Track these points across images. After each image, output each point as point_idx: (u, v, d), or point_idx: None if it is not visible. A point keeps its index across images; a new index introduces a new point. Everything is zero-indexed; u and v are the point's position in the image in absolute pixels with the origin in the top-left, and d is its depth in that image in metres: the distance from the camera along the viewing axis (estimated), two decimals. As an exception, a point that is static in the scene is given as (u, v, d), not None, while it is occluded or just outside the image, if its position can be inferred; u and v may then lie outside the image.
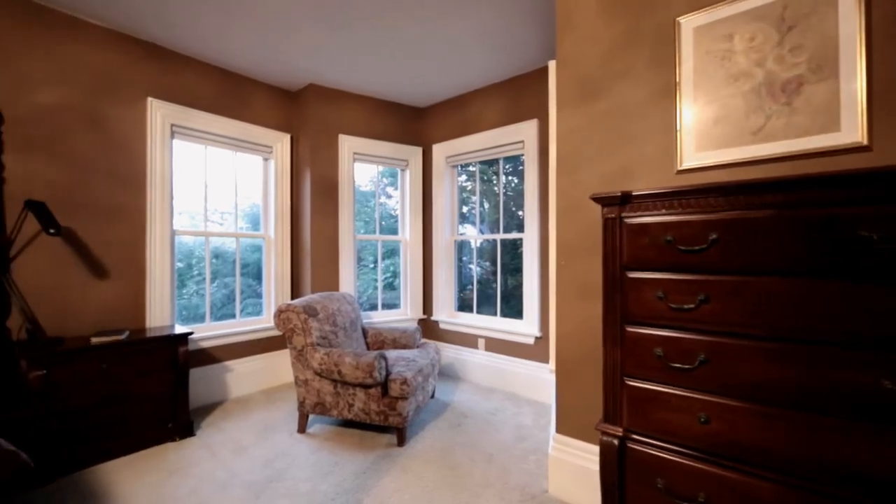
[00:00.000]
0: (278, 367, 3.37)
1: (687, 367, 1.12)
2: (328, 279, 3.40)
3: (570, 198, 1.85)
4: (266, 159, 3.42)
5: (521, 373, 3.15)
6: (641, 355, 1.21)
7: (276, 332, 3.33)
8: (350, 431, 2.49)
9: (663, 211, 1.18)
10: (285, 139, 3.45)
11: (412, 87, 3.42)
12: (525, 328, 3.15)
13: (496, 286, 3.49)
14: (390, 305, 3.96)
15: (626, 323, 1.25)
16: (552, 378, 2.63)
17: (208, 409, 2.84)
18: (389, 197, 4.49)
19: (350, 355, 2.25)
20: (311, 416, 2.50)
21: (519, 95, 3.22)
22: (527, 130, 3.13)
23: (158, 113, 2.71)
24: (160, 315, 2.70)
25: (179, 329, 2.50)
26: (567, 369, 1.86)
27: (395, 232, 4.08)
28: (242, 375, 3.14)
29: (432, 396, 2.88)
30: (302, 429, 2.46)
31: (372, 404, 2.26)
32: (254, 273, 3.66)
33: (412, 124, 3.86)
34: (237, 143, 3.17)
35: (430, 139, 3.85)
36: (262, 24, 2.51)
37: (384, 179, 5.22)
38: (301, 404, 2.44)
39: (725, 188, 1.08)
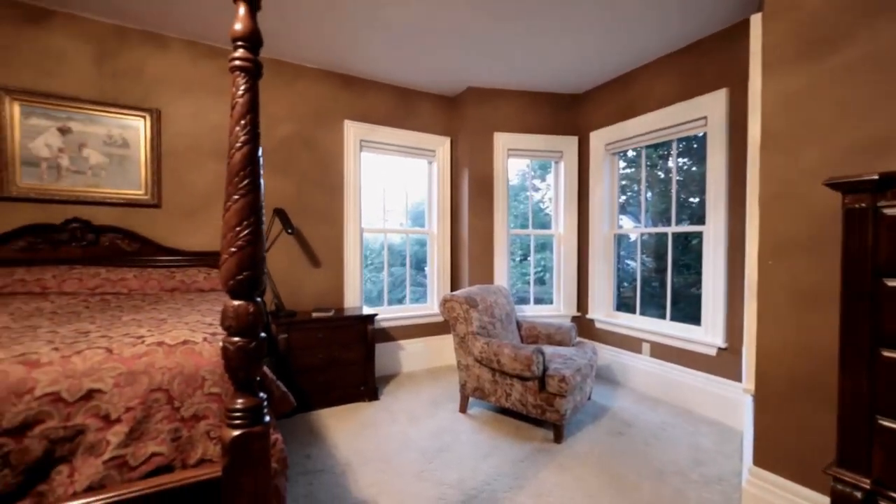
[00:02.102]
0: (441, 349, 3.73)
1: None
2: (483, 272, 3.59)
3: (783, 182, 1.50)
4: (430, 162, 3.80)
5: (698, 387, 2.73)
6: (909, 390, 0.91)
7: (438, 319, 3.70)
8: (506, 419, 2.59)
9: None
10: (446, 142, 3.76)
11: (568, 73, 3.28)
12: (704, 336, 2.71)
13: (663, 285, 3.09)
14: (539, 300, 3.94)
15: (881, 345, 0.96)
16: (746, 399, 2.20)
17: (386, 379, 3.36)
18: (537, 190, 4.43)
19: (509, 346, 2.34)
20: (470, 399, 2.70)
21: (699, 64, 2.74)
22: (711, 104, 2.65)
23: (351, 131, 3.30)
24: (352, 298, 3.31)
25: (367, 311, 3.02)
26: (772, 392, 1.53)
27: (544, 226, 4.02)
28: (412, 354, 3.60)
29: (589, 398, 2.76)
30: (463, 409, 2.69)
31: (529, 397, 2.30)
32: (414, 263, 4.14)
33: (567, 114, 3.71)
34: (407, 149, 3.61)
35: (586, 127, 3.64)
36: (428, 42, 2.79)
37: (531, 172, 5.18)
38: (462, 387, 2.66)
39: None
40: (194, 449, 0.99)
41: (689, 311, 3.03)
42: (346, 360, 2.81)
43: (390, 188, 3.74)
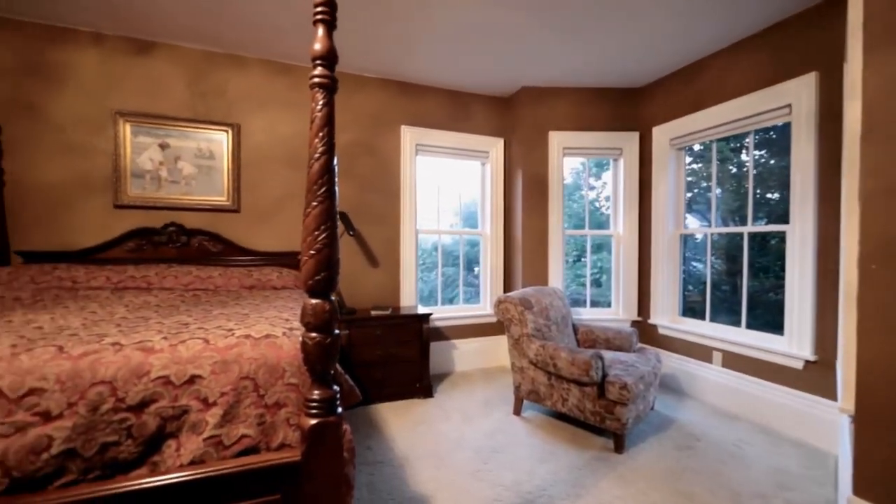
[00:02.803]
0: (494, 350, 3.73)
1: None
2: (538, 273, 3.53)
3: (889, 176, 1.33)
4: (483, 164, 3.82)
5: (780, 403, 2.48)
6: None
7: (491, 319, 3.70)
8: (563, 425, 2.53)
9: None
10: (499, 143, 3.75)
11: (628, 65, 3.13)
12: (788, 347, 2.46)
13: (736, 290, 2.84)
14: (595, 303, 3.79)
15: None
16: (842, 419, 1.97)
17: (440, 377, 3.43)
18: (592, 188, 4.27)
19: (565, 350, 2.29)
20: (524, 402, 2.67)
21: (781, 48, 2.49)
22: (796, 90, 2.40)
23: (408, 136, 3.41)
24: (408, 297, 3.42)
25: (422, 310, 3.10)
26: (877, 411, 1.36)
27: (601, 226, 3.86)
28: (465, 353, 3.63)
29: (652, 408, 2.62)
30: (517, 411, 2.67)
31: (587, 403, 2.24)
32: (465, 264, 4.17)
33: (626, 109, 3.54)
34: (460, 152, 3.65)
35: (648, 121, 3.44)
36: (482, 45, 2.80)
37: (586, 171, 4.99)
38: (517, 389, 2.64)
39: None
40: (276, 433, 1.09)
41: (767, 318, 2.76)
42: (402, 357, 2.91)
43: (443, 190, 3.81)
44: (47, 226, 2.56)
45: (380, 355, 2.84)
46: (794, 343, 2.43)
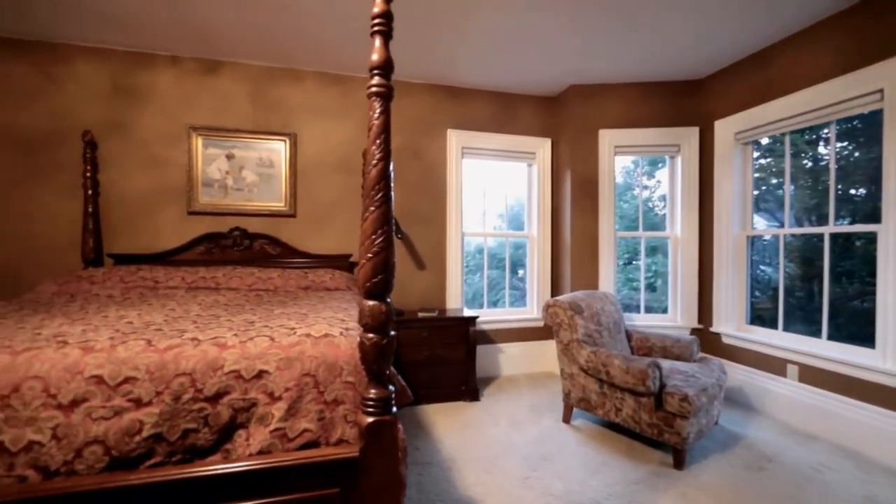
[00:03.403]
0: (540, 355, 3.65)
1: None
2: (587, 277, 3.41)
3: None
4: (529, 165, 3.76)
5: (871, 425, 2.21)
6: None
7: (537, 323, 3.63)
8: (616, 436, 2.42)
9: None
10: (546, 144, 3.68)
11: (685, 56, 2.95)
12: (881, 362, 2.18)
13: (812, 296, 2.57)
14: (649, 309, 3.59)
15: None
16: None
17: (486, 380, 3.41)
18: (645, 188, 4.07)
19: (619, 357, 2.19)
20: (574, 409, 2.59)
21: (869, 27, 2.24)
22: (891, 73, 2.14)
23: (454, 140, 3.44)
24: (453, 299, 3.43)
25: (468, 312, 3.10)
26: None
27: (655, 227, 3.66)
28: (510, 357, 3.59)
29: (716, 423, 2.43)
30: (566, 419, 2.59)
31: (643, 414, 2.12)
32: (510, 266, 4.09)
33: (684, 103, 3.33)
34: (506, 153, 3.62)
35: (709, 115, 3.22)
36: (528, 45, 2.76)
37: (638, 170, 4.76)
38: (566, 396, 2.57)
39: None
40: (335, 429, 1.14)
41: (853, 329, 2.47)
42: (448, 359, 2.93)
43: (488, 191, 3.80)
44: (132, 231, 2.86)
45: (427, 356, 2.88)
46: (888, 358, 2.16)
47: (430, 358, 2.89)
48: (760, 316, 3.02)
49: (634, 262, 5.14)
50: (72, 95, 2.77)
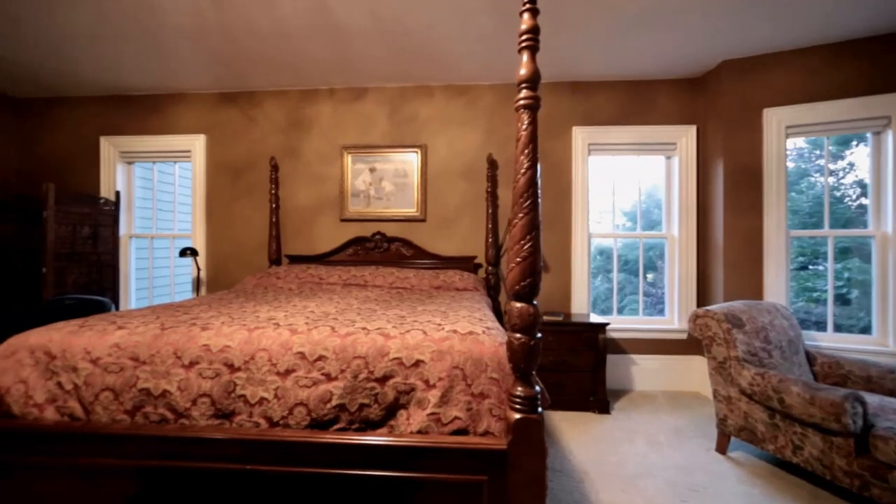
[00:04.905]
0: (681, 371, 3.24)
1: None
2: (747, 285, 2.90)
3: None
4: (668, 157, 3.37)
5: None
6: None
7: (679, 335, 3.23)
8: (793, 478, 2.01)
9: None
10: (690, 132, 3.25)
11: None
12: None
13: None
14: (839, 326, 2.86)
15: None
16: None
17: (616, 393, 3.17)
18: (831, 174, 3.25)
19: (799, 384, 1.82)
20: (732, 438, 2.23)
21: None
22: None
23: (579, 137, 3.29)
24: (579, 304, 3.28)
25: (596, 318, 2.94)
26: None
27: (847, 223, 2.90)
28: (646, 371, 3.26)
29: (957, 484, 1.82)
30: (721, 449, 2.25)
31: (837, 459, 1.71)
32: (635, 270, 3.71)
33: (890, 61, 2.58)
34: (640, 146, 3.32)
35: (941, 75, 2.43)
36: (661, 21, 2.48)
37: (815, 152, 3.86)
38: (721, 422, 2.23)
39: None
40: (481, 420, 1.21)
41: None
42: (574, 365, 2.82)
43: (616, 189, 3.53)
44: (300, 236, 3.49)
45: (552, 361, 2.82)
46: None
47: (555, 363, 2.82)
48: None
49: (811, 268, 4.17)
50: (262, 130, 3.52)
